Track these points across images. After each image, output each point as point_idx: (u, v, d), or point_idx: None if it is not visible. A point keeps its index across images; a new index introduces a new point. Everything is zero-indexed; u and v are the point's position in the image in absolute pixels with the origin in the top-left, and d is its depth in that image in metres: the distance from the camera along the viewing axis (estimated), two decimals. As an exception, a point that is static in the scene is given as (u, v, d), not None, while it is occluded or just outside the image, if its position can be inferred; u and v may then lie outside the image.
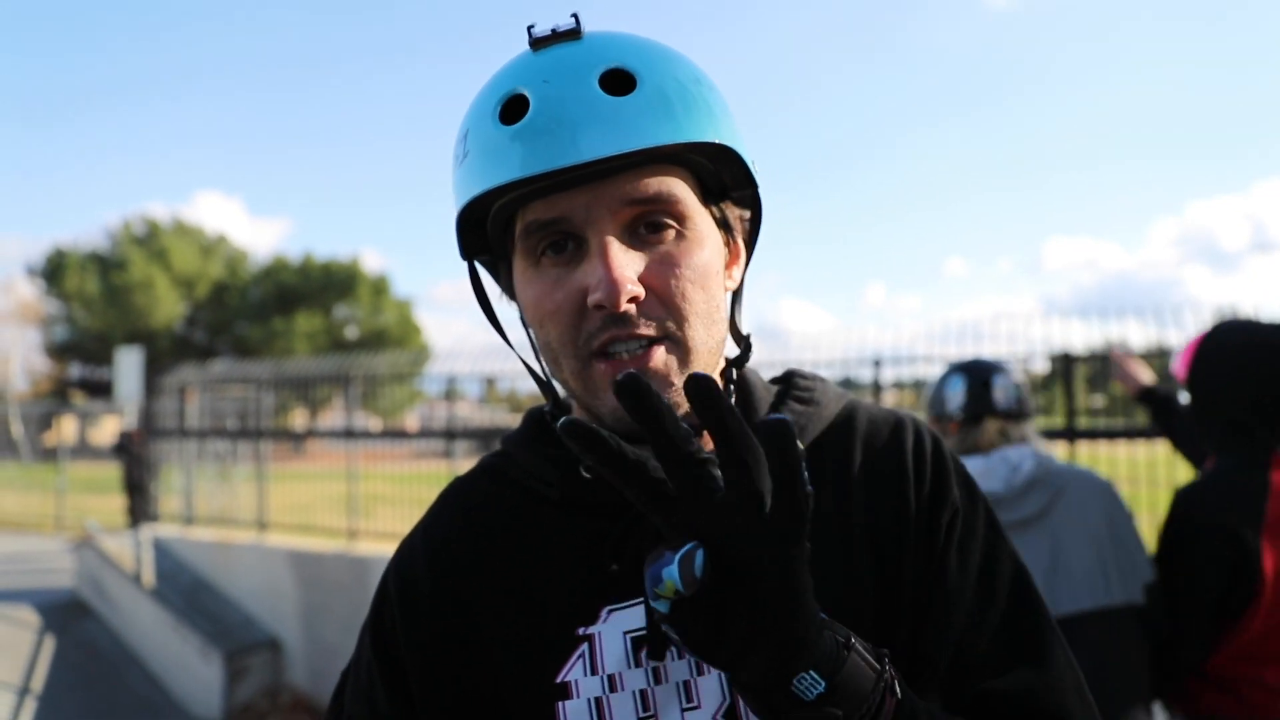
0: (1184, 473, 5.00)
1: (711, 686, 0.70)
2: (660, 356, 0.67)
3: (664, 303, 0.67)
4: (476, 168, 0.68)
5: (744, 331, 0.80)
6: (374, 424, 9.76)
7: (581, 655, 0.71)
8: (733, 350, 0.82)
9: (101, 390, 34.69)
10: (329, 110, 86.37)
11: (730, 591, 0.53)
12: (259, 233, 77.90)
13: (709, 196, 0.72)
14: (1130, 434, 5.19)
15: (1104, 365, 6.34)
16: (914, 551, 0.75)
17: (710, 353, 0.71)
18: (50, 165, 79.76)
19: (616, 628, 0.71)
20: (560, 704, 0.71)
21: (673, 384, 0.68)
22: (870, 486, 0.77)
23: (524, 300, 0.71)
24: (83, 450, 19.44)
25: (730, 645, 0.54)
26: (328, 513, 8.49)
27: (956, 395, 2.16)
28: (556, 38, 0.67)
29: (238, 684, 7.45)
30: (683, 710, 0.70)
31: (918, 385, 7.80)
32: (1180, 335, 5.49)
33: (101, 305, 38.16)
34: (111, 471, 12.34)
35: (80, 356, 40.10)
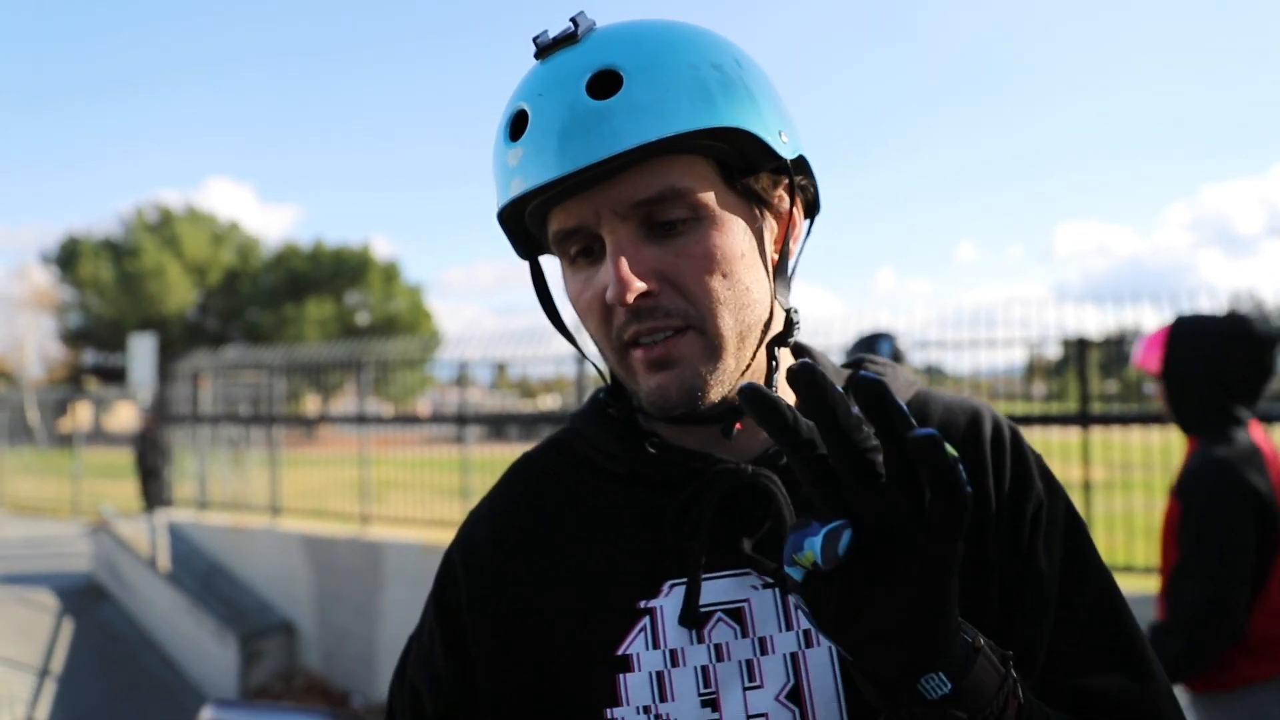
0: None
1: (775, 667, 0.69)
2: (686, 344, 0.68)
3: (684, 294, 0.68)
4: (498, 183, 0.72)
5: (787, 306, 0.77)
6: (386, 410, 9.80)
7: (643, 628, 0.71)
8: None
9: (115, 377, 34.97)
10: (338, 97, 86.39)
11: (876, 579, 0.52)
12: (269, 219, 78.12)
13: (732, 175, 0.70)
14: (1144, 419, 5.16)
15: (1118, 350, 6.29)
16: (998, 545, 0.73)
17: (742, 337, 0.70)
18: (62, 153, 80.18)
19: (678, 602, 0.71)
20: (621, 676, 0.71)
21: (699, 369, 0.69)
22: None
23: (569, 296, 0.75)
24: (97, 436, 19.62)
25: (862, 631, 0.53)
26: (340, 498, 8.55)
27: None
28: (555, 45, 0.68)
29: (253, 667, 7.53)
30: (745, 689, 0.69)
31: (930, 371, 7.77)
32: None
33: (115, 292, 38.42)
34: (126, 457, 12.46)
35: (94, 343, 40.42)
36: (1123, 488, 6.07)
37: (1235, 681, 2.00)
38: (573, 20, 0.68)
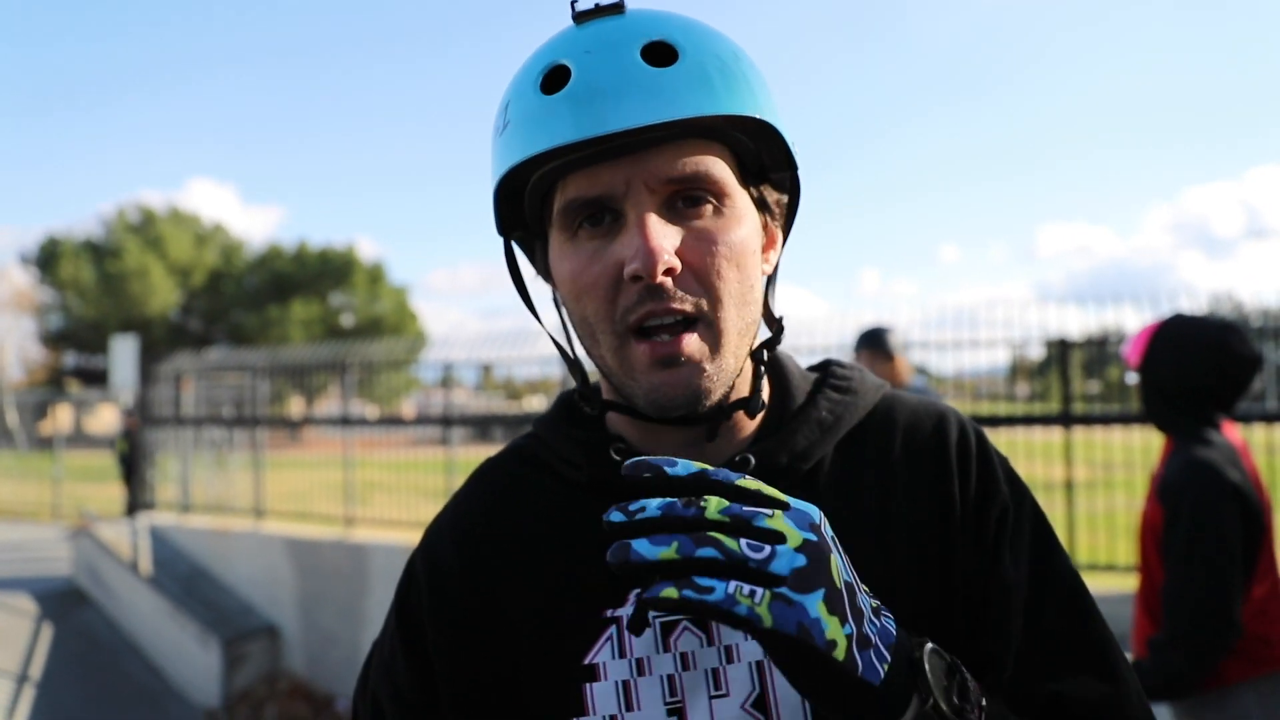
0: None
1: (741, 675, 0.69)
2: (693, 343, 0.67)
3: (699, 278, 0.67)
4: (517, 136, 0.67)
5: (776, 314, 0.79)
6: (370, 411, 9.76)
7: (609, 638, 0.71)
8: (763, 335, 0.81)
9: (97, 379, 34.64)
10: (320, 98, 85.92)
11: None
12: (252, 220, 77.58)
13: (748, 177, 0.71)
14: (1126, 419, 5.21)
15: (1100, 351, 6.35)
16: (963, 550, 0.73)
17: (741, 335, 0.70)
18: (42, 154, 79.29)
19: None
20: (587, 685, 0.71)
21: (704, 369, 0.67)
22: (912, 482, 0.75)
23: (560, 275, 0.71)
24: (78, 439, 19.42)
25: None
26: (324, 500, 8.50)
27: None
28: (599, 11, 0.68)
29: (236, 671, 7.47)
30: (710, 698, 0.69)
31: (915, 372, 7.81)
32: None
33: (96, 294, 38.02)
34: (107, 460, 12.33)
35: (75, 345, 39.99)
36: (1105, 487, 6.13)
37: (1217, 682, 1.98)
38: None
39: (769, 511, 0.55)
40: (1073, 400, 5.37)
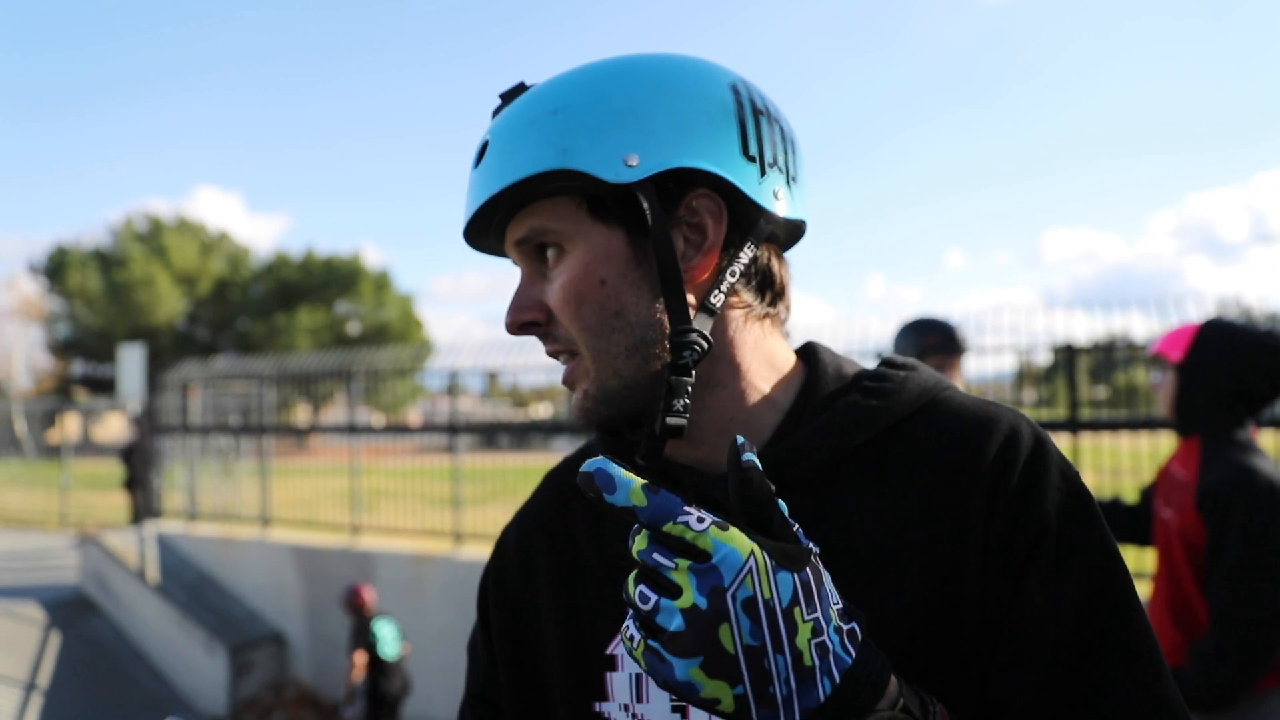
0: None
1: None
2: (574, 369, 0.77)
3: (561, 319, 0.75)
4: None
5: (687, 325, 0.72)
6: (377, 419, 9.77)
7: None
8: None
9: (104, 387, 34.77)
10: (324, 106, 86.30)
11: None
12: (258, 228, 77.90)
13: (597, 205, 0.73)
14: (1133, 425, 5.19)
15: (1107, 356, 6.33)
16: (980, 575, 0.67)
17: (618, 358, 0.74)
18: (48, 163, 79.77)
19: None
20: (608, 674, 0.77)
21: (586, 390, 0.76)
22: (934, 491, 0.70)
23: None
24: (86, 447, 19.49)
25: None
26: (331, 508, 8.51)
27: None
28: (507, 97, 0.78)
29: (243, 678, 7.48)
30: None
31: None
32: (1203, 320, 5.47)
33: (104, 302, 38.20)
34: (115, 468, 12.36)
35: (83, 354, 40.15)
36: (1112, 493, 6.09)
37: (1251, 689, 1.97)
38: (501, 95, 0.78)
39: (672, 564, 0.54)
40: (1080, 406, 5.35)
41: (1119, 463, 5.52)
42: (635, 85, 0.72)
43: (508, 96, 0.78)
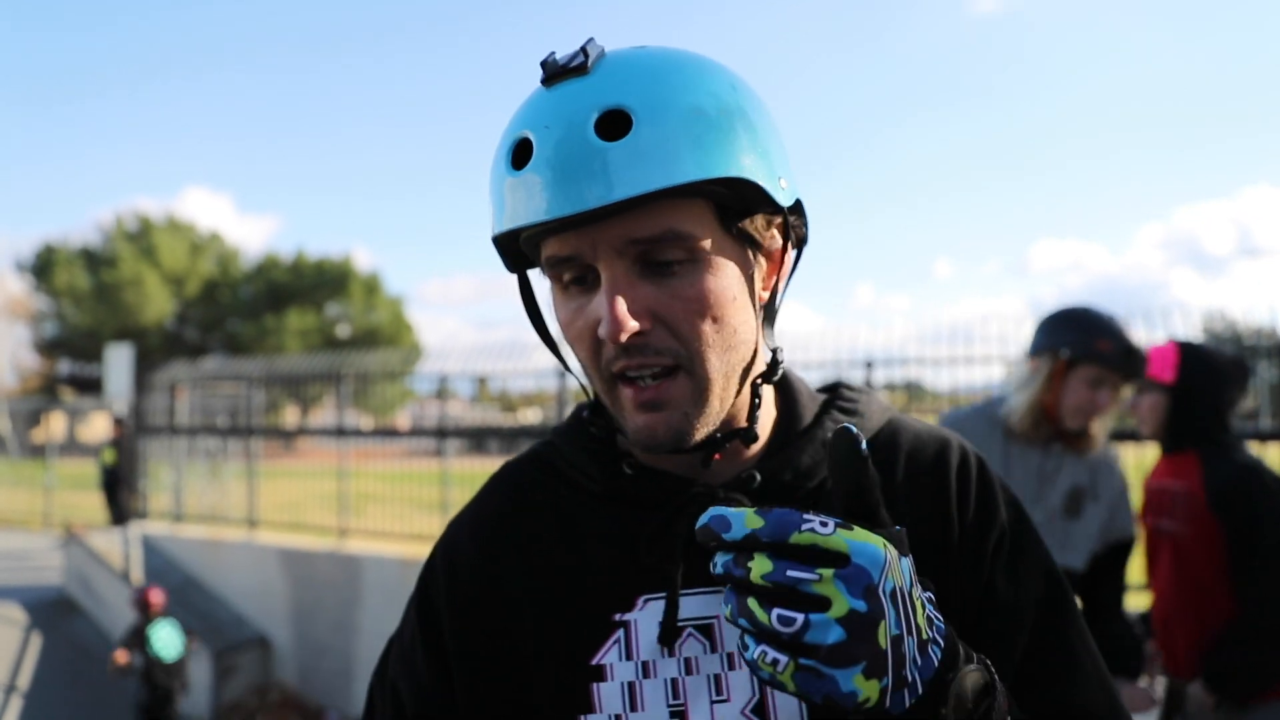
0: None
1: (741, 682, 0.72)
2: (674, 389, 0.70)
3: (675, 333, 0.69)
4: (494, 207, 0.72)
5: (772, 346, 0.78)
6: (365, 422, 9.75)
7: (617, 640, 0.74)
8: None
9: (91, 387, 34.50)
10: (315, 107, 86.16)
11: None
12: (248, 230, 77.52)
13: (730, 220, 0.70)
14: (1120, 436, 5.22)
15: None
16: (959, 576, 0.76)
17: (728, 377, 0.72)
18: (35, 158, 79.32)
19: (652, 617, 0.74)
20: (595, 685, 0.74)
21: (687, 413, 0.70)
22: (914, 507, 0.78)
23: (559, 320, 0.75)
24: (71, 447, 19.35)
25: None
26: (318, 511, 8.48)
27: None
28: (565, 73, 0.67)
29: (226, 681, 7.43)
30: (712, 702, 0.72)
31: (909, 387, 7.82)
32: (1170, 339, 5.52)
33: (91, 302, 37.98)
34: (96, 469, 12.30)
35: (70, 353, 39.88)
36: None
37: (1276, 693, 2.10)
38: (583, 50, 0.67)
39: (815, 575, 0.54)
40: (1067, 417, 5.37)
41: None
42: (756, 99, 0.72)
43: (562, 71, 0.67)
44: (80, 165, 78.80)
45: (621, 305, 0.66)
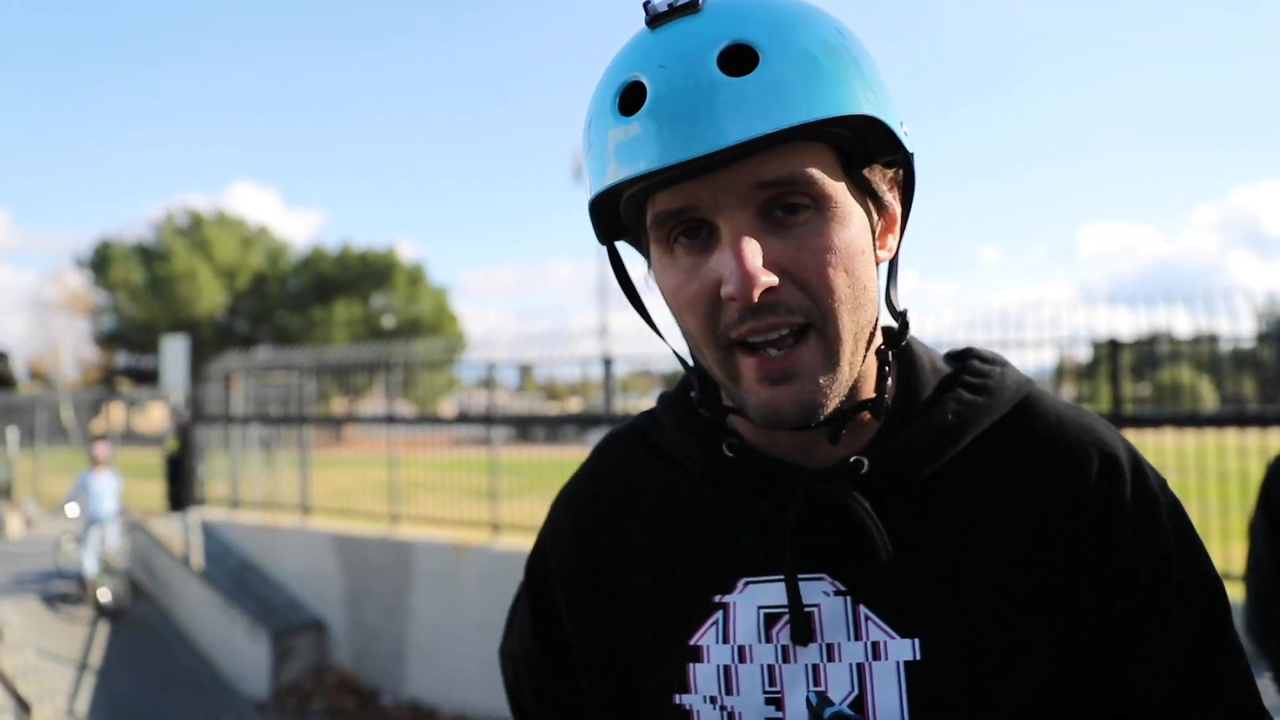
0: (1234, 462, 4.92)
1: (841, 675, 0.69)
2: (806, 356, 0.65)
3: (806, 288, 0.63)
4: (598, 161, 0.66)
5: (899, 307, 0.74)
6: (411, 412, 9.90)
7: (715, 622, 0.73)
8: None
9: (148, 378, 35.54)
10: (361, 100, 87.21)
11: None
12: (294, 224, 78.97)
13: (852, 167, 0.66)
14: (1177, 420, 5.11)
15: (1150, 352, 6.23)
16: (1096, 587, 0.68)
17: (857, 339, 0.67)
18: (90, 158, 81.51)
19: (751, 600, 0.72)
20: (691, 665, 0.72)
21: (818, 383, 0.65)
22: (1041, 499, 0.70)
23: (662, 287, 0.69)
24: (130, 436, 19.95)
25: None
26: (369, 498, 8.64)
27: None
28: (673, 13, 0.63)
29: (284, 664, 7.63)
30: (809, 692, 0.69)
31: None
32: (1230, 322, 5.37)
33: (146, 295, 39.09)
34: (156, 457, 12.65)
35: (127, 345, 41.15)
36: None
37: None
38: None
39: None
40: (1123, 402, 5.28)
41: (1163, 460, 5.44)
42: (862, 45, 0.67)
43: (670, 10, 0.63)
44: (132, 162, 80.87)
45: (753, 257, 0.61)
